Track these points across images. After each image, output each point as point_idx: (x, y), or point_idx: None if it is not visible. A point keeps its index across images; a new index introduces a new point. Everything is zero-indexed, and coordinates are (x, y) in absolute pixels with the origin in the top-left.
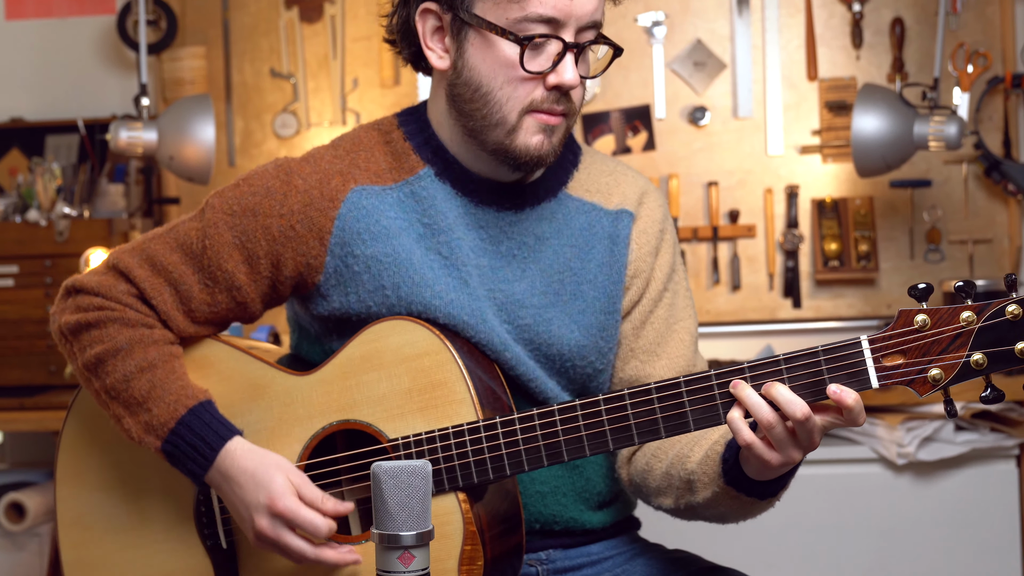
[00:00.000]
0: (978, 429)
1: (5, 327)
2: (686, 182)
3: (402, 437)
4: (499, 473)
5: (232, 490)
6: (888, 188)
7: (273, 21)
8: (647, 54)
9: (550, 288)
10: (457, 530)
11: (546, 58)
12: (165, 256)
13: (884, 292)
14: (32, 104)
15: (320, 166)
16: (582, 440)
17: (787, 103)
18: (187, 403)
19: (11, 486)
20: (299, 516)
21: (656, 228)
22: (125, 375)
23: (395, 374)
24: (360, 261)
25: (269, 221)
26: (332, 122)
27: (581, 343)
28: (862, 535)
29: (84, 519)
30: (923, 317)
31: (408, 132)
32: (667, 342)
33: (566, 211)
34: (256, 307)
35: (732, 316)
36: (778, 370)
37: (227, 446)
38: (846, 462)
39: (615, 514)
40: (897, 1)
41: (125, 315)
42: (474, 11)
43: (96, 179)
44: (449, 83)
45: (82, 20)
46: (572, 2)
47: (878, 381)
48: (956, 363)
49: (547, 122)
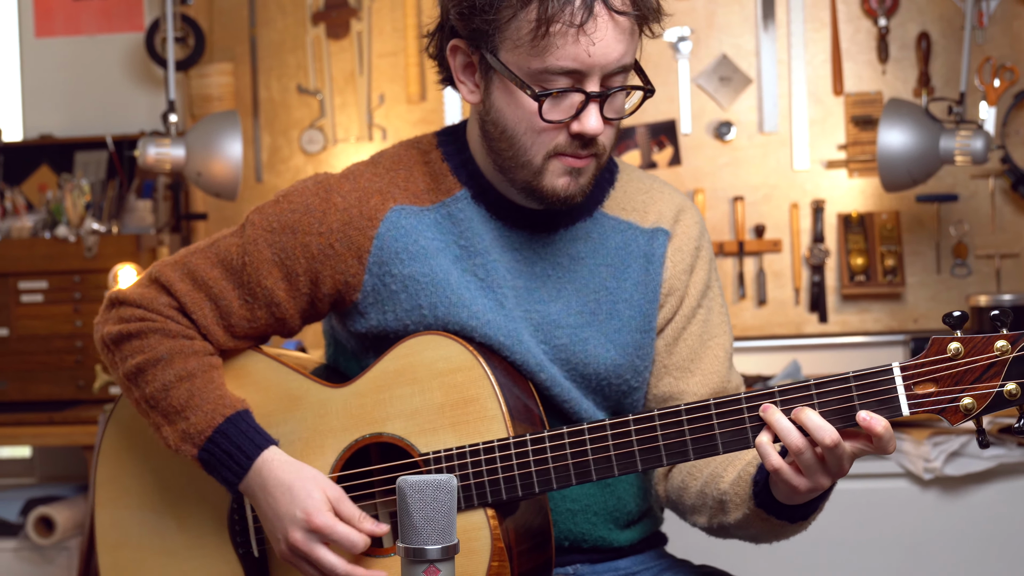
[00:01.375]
0: (1005, 444)
1: (34, 342)
2: (712, 197)
3: (433, 452)
4: (528, 491)
5: (267, 501)
6: (914, 203)
7: (300, 38)
8: (673, 69)
9: (586, 308)
10: (485, 546)
11: (569, 106)
12: (206, 271)
13: (911, 307)
14: (61, 121)
15: (359, 184)
16: (611, 460)
17: (813, 118)
18: (224, 412)
19: (40, 500)
20: (336, 532)
21: (692, 246)
22: (164, 384)
23: (428, 388)
24: (397, 280)
25: (308, 239)
26: (359, 138)
27: (617, 362)
28: (889, 550)
29: (121, 525)
30: (956, 345)
31: (446, 153)
32: (701, 359)
33: (601, 230)
34: (295, 323)
35: (758, 331)
36: (808, 395)
37: (263, 455)
38: (873, 477)
39: (643, 531)
40: (923, 15)
41: (166, 327)
42: (499, 56)
43: (124, 195)
44: (480, 117)
45: (111, 37)
46: (591, 55)
47: (909, 409)
48: (989, 393)
49: (573, 165)
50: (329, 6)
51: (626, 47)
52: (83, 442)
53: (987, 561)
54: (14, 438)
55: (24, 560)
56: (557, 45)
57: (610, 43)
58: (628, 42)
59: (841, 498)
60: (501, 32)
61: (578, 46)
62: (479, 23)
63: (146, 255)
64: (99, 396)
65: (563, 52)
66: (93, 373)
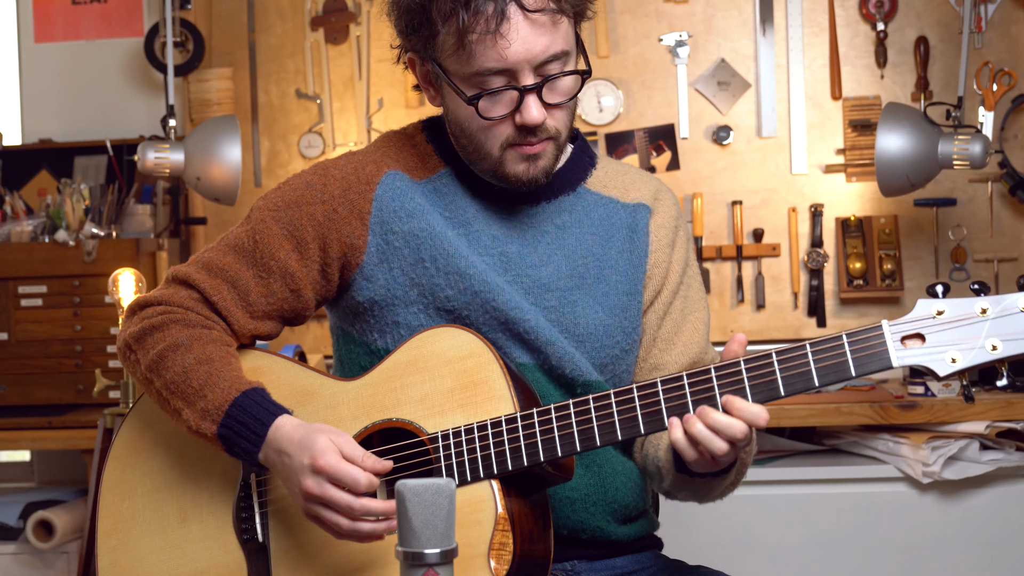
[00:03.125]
0: (1003, 448)
1: (34, 346)
2: (710, 201)
3: (441, 431)
4: (533, 459)
5: (283, 462)
6: (912, 207)
7: (299, 42)
8: (671, 74)
9: (575, 272)
10: (490, 516)
11: (509, 101)
12: (220, 259)
13: (909, 311)
14: (61, 126)
15: (354, 158)
16: (614, 427)
17: (811, 122)
18: (240, 387)
19: (39, 504)
20: (339, 470)
21: (672, 223)
22: (184, 368)
23: (439, 375)
24: (399, 237)
25: (313, 208)
26: (357, 142)
27: (606, 322)
28: (887, 554)
29: (124, 524)
30: (941, 304)
31: (430, 136)
32: (682, 331)
33: (585, 203)
34: (308, 295)
35: (756, 335)
36: (803, 354)
37: (277, 422)
38: (871, 480)
39: (640, 529)
40: (921, 20)
41: (187, 316)
42: (441, 64)
43: (124, 200)
44: (444, 118)
45: (110, 42)
46: (513, 54)
47: (898, 360)
48: (972, 348)
49: (528, 152)
50: (328, 11)
51: (550, 39)
52: (82, 446)
53: (985, 565)
54: (13, 442)
55: (23, 564)
56: (479, 52)
57: (529, 39)
58: (551, 33)
59: (840, 501)
60: (436, 45)
61: (497, 48)
62: (416, 40)
63: (145, 259)
64: (98, 400)
65: (486, 56)
66: (92, 377)
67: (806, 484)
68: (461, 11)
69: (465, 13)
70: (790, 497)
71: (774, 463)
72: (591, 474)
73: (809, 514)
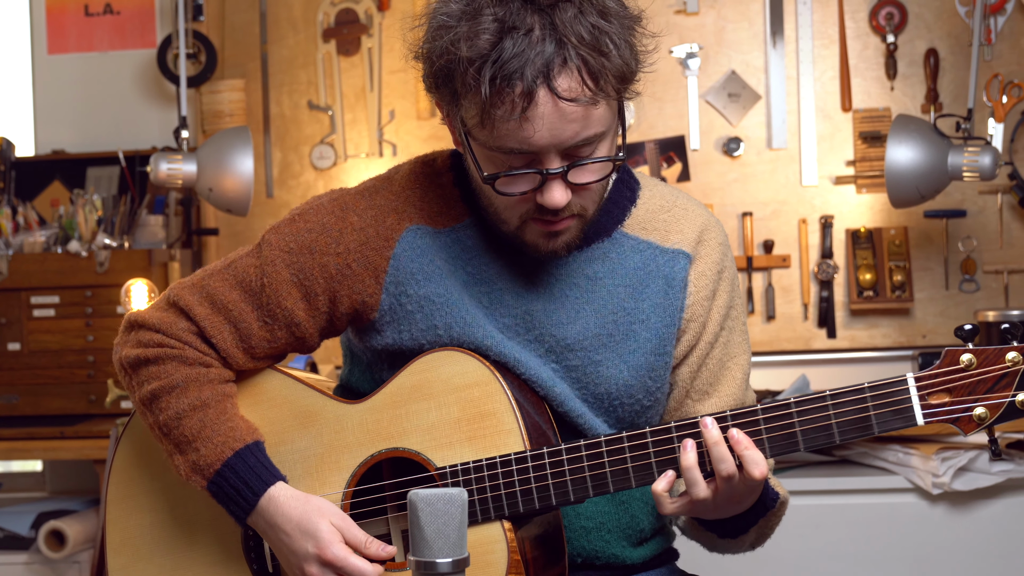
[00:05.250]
0: (1014, 459)
1: (46, 357)
2: (720, 212)
3: (449, 466)
4: (545, 503)
5: (279, 538)
6: (922, 218)
7: (311, 54)
8: (682, 86)
9: (603, 330)
10: (502, 559)
11: (529, 180)
12: (224, 294)
13: (919, 322)
14: (73, 137)
15: (375, 202)
16: (628, 472)
17: (821, 134)
18: (234, 446)
19: (51, 514)
20: (348, 564)
21: (714, 270)
22: (177, 412)
23: (445, 403)
24: (413, 301)
25: (326, 259)
26: (369, 154)
27: (629, 383)
28: (896, 565)
29: (132, 543)
30: (969, 357)
31: (456, 178)
32: (720, 381)
33: (620, 250)
34: (314, 340)
35: (767, 346)
36: (824, 406)
37: (269, 492)
38: (880, 492)
39: (655, 548)
40: (931, 32)
41: (184, 353)
42: (465, 123)
43: (136, 210)
44: (466, 168)
45: (123, 54)
46: (539, 140)
47: (924, 419)
48: (1002, 403)
49: (549, 230)
50: (340, 23)
51: (581, 124)
52: (94, 456)
53: None
54: (26, 452)
55: (35, 574)
56: (501, 131)
57: (557, 126)
58: (583, 119)
59: (849, 513)
60: (460, 106)
61: (522, 132)
62: (439, 96)
63: (158, 270)
64: (111, 410)
65: (509, 137)
66: (104, 387)
67: (817, 495)
68: (485, 86)
69: (490, 89)
70: (801, 508)
71: (785, 474)
72: (606, 499)
73: (820, 525)
